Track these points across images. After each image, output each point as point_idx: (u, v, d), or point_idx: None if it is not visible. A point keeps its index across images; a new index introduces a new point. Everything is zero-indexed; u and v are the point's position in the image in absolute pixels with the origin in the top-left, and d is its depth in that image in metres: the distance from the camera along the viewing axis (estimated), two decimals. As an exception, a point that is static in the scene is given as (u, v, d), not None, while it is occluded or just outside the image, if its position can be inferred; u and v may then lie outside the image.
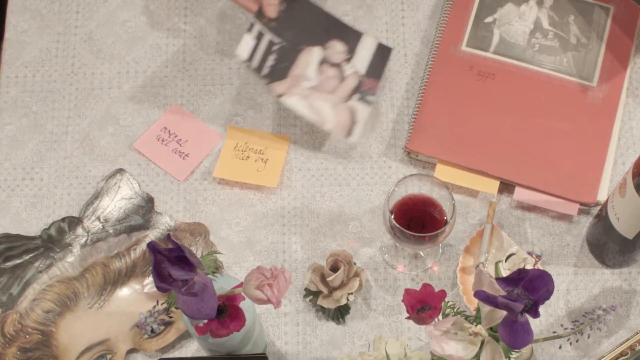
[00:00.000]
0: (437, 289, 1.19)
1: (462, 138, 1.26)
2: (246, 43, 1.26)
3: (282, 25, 1.28)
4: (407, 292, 0.90)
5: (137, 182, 1.26)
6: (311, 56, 1.28)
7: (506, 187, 1.26)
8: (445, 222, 1.11)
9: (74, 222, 1.23)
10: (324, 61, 1.28)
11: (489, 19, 1.34)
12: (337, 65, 1.28)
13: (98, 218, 1.24)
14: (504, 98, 1.28)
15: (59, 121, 1.30)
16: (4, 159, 1.28)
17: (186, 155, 1.28)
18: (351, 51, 1.30)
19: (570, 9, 1.34)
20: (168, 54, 1.34)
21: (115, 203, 1.25)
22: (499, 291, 0.88)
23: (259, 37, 1.26)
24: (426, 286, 0.91)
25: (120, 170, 1.27)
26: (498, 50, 1.31)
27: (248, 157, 1.27)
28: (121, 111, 1.31)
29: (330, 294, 1.17)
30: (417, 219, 1.14)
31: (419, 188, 1.14)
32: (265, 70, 1.26)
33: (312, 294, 1.18)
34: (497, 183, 1.24)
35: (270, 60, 1.26)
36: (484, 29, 1.33)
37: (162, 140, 1.29)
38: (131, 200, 1.25)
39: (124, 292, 1.19)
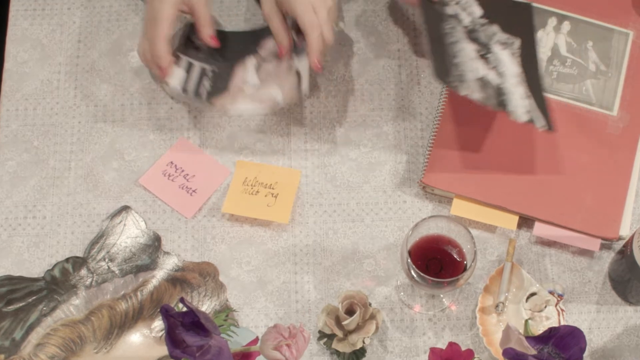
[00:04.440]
0: (455, 329, 1.16)
1: (479, 171, 1.22)
2: (177, 75, 1.22)
3: (210, 53, 1.24)
4: (433, 351, 0.87)
5: (143, 219, 1.22)
6: (246, 65, 1.24)
7: (525, 221, 1.21)
8: (465, 268, 1.07)
9: (78, 262, 1.19)
10: (260, 64, 1.24)
11: (504, 46, 1.29)
12: (274, 60, 1.24)
13: (103, 258, 1.19)
14: (522, 129, 1.24)
15: (61, 156, 1.26)
16: (5, 197, 1.23)
17: (194, 191, 1.23)
18: None
19: (589, 34, 1.30)
20: (173, 84, 1.30)
21: (121, 242, 1.20)
22: (528, 349, 0.84)
23: (189, 67, 1.23)
24: (452, 345, 0.87)
25: (126, 208, 1.22)
26: (515, 79, 1.27)
27: (258, 192, 1.23)
28: (125, 145, 1.26)
29: (346, 337, 1.12)
30: (435, 260, 1.10)
31: (435, 226, 1.10)
32: (204, 93, 1.23)
33: (326, 337, 1.14)
34: (516, 218, 1.20)
35: (206, 86, 1.23)
36: (499, 57, 1.28)
37: (169, 176, 1.24)
38: (137, 239, 1.21)
39: (132, 335, 1.15)
